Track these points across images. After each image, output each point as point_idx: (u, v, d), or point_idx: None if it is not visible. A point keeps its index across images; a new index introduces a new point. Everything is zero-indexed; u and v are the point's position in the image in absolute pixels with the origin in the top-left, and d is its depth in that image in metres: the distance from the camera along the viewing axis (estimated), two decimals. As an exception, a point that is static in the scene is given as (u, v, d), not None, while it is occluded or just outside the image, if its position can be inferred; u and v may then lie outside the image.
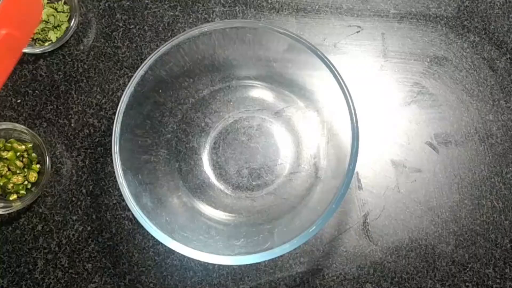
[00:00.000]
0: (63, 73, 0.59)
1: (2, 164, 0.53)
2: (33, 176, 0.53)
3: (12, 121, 0.57)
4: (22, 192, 0.53)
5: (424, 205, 0.55)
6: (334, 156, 0.52)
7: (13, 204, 0.52)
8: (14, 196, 0.53)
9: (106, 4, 0.61)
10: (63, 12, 0.60)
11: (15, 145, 0.54)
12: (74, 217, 0.55)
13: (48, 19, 0.59)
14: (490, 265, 0.54)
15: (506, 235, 0.54)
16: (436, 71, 0.59)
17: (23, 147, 0.54)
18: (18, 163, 0.53)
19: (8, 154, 0.53)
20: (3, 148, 0.53)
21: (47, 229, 0.55)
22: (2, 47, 0.42)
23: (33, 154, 0.54)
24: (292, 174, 0.55)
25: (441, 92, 0.58)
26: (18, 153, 0.54)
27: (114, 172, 0.45)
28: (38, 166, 0.54)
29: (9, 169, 0.53)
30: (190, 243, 0.44)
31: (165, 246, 0.43)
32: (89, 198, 0.56)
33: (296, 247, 0.42)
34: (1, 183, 0.52)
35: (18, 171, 0.53)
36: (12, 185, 0.52)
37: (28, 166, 0.54)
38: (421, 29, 0.60)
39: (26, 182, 0.53)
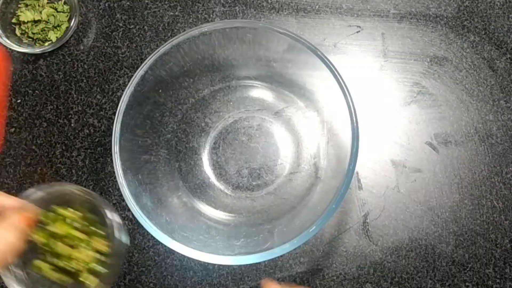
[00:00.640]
0: (63, 73, 0.59)
1: (61, 246, 0.39)
2: (101, 244, 0.40)
3: (12, 121, 0.57)
4: (98, 268, 0.39)
5: (424, 205, 0.55)
6: (334, 156, 0.52)
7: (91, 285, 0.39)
8: (86, 276, 0.39)
9: (106, 4, 0.61)
10: (63, 12, 0.60)
11: (63, 211, 0.40)
12: (74, 217, 0.55)
13: (48, 19, 0.59)
14: (490, 265, 0.54)
15: (506, 235, 0.54)
16: (436, 71, 0.59)
17: (72, 211, 0.41)
18: (76, 233, 0.40)
19: (58, 228, 0.39)
20: (47, 222, 0.40)
21: (47, 229, 0.55)
22: None
23: (90, 216, 0.40)
24: (292, 174, 0.55)
25: (441, 92, 0.58)
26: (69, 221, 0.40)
27: (114, 172, 0.45)
28: (100, 231, 0.41)
29: (71, 246, 0.40)
30: (190, 243, 0.44)
31: (165, 246, 0.43)
32: (89, 198, 0.56)
33: (296, 247, 0.42)
34: (62, 264, 0.39)
35: (82, 245, 0.40)
36: (75, 263, 0.39)
37: (89, 234, 0.41)
38: (421, 29, 0.60)
39: (95, 255, 0.40)
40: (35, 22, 0.59)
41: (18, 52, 0.58)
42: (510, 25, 0.60)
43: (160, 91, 0.52)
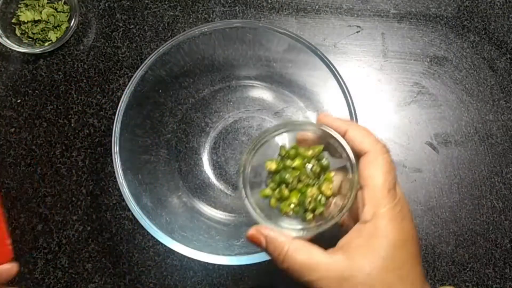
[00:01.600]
0: (63, 73, 0.59)
1: (291, 175, 0.38)
2: (328, 188, 0.38)
3: (12, 121, 0.57)
4: (320, 208, 0.38)
5: (424, 205, 0.55)
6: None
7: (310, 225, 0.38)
8: (310, 216, 0.38)
9: (106, 4, 0.61)
10: (63, 12, 0.60)
11: (301, 150, 0.39)
12: (74, 217, 0.55)
13: (48, 19, 0.59)
14: (490, 265, 0.54)
15: (506, 235, 0.54)
16: (436, 71, 0.59)
17: (310, 152, 0.39)
18: (309, 172, 0.39)
19: (295, 162, 0.39)
20: (287, 155, 0.40)
21: (47, 229, 0.55)
22: None
23: (324, 160, 0.39)
24: (292, 174, 0.55)
25: (441, 92, 0.58)
26: (306, 160, 0.39)
27: (114, 172, 0.45)
28: (332, 175, 0.39)
29: (299, 181, 0.39)
30: (190, 243, 0.44)
31: (165, 246, 0.43)
32: (89, 198, 0.56)
33: (296, 247, 0.42)
34: (297, 198, 0.38)
35: (311, 182, 0.39)
36: (309, 200, 0.38)
37: (319, 176, 0.39)
38: (421, 29, 0.60)
39: (320, 197, 0.39)
40: (35, 22, 0.59)
41: (18, 52, 0.58)
42: (510, 25, 0.60)
43: (160, 91, 0.52)
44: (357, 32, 0.60)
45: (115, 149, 0.45)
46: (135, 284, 0.54)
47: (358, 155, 0.33)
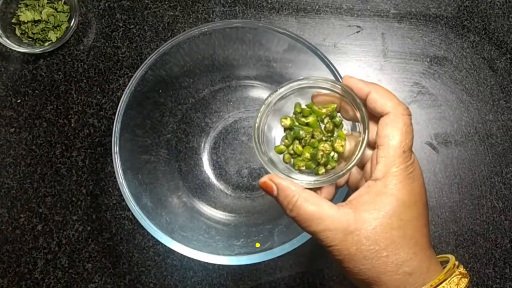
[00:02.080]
0: (63, 73, 0.59)
1: (304, 131, 0.39)
2: (340, 145, 0.39)
3: (12, 121, 0.57)
4: (332, 164, 0.38)
5: (424, 205, 0.55)
6: (334, 156, 0.52)
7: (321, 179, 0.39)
8: (323, 170, 0.39)
9: (106, 4, 0.61)
10: (63, 12, 0.60)
11: (315, 107, 0.40)
12: (74, 217, 0.55)
13: (48, 19, 0.59)
14: (490, 265, 0.54)
15: (506, 235, 0.54)
16: (436, 71, 0.59)
17: (324, 110, 0.40)
18: (322, 129, 0.40)
19: (309, 119, 0.39)
20: (301, 112, 0.40)
21: (47, 229, 0.55)
22: None
23: (337, 118, 0.40)
24: (292, 174, 0.55)
25: (441, 92, 0.58)
26: (320, 117, 0.40)
27: (114, 172, 0.45)
28: (344, 131, 0.40)
29: (312, 137, 0.39)
30: (190, 243, 0.44)
31: (165, 246, 0.43)
32: (89, 198, 0.56)
33: (296, 247, 0.42)
34: (309, 153, 0.38)
35: (324, 138, 0.40)
36: (321, 154, 0.38)
37: (332, 133, 0.40)
38: (421, 29, 0.60)
39: (332, 153, 0.39)
40: (35, 22, 0.59)
41: (18, 52, 0.58)
42: (510, 25, 0.60)
43: (160, 91, 0.52)
44: (357, 32, 0.60)
45: (115, 149, 0.45)
46: (135, 284, 0.54)
47: (379, 116, 0.34)
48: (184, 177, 0.55)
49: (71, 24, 0.58)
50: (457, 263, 0.33)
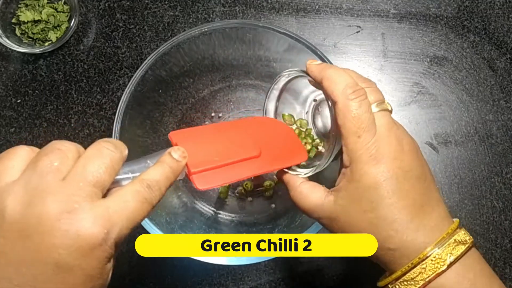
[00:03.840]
0: (63, 73, 0.59)
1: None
2: (308, 144, 0.46)
3: (12, 121, 0.57)
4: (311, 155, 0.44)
5: (424, 205, 0.55)
6: (334, 156, 0.52)
7: None
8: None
9: (106, 4, 0.61)
10: (63, 12, 0.60)
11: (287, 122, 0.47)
12: (74, 217, 0.55)
13: (48, 19, 0.59)
14: (490, 265, 0.54)
15: (506, 235, 0.54)
16: (436, 71, 0.59)
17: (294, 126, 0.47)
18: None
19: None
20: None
21: (47, 229, 0.55)
22: None
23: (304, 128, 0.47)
24: (292, 174, 0.55)
25: (441, 92, 0.58)
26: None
27: (114, 172, 0.45)
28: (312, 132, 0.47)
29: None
30: (190, 243, 0.43)
31: (165, 246, 0.43)
32: (89, 198, 0.56)
33: (296, 247, 0.42)
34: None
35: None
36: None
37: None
38: (421, 29, 0.60)
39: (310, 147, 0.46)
40: (35, 22, 0.59)
41: (18, 52, 0.58)
42: (510, 25, 0.60)
43: (160, 91, 0.52)
44: (357, 32, 0.60)
45: (115, 149, 0.45)
46: (135, 284, 0.54)
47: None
48: (184, 177, 0.55)
49: (71, 24, 0.58)
50: (457, 228, 0.33)
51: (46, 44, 0.58)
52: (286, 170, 0.39)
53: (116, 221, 0.28)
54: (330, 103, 0.35)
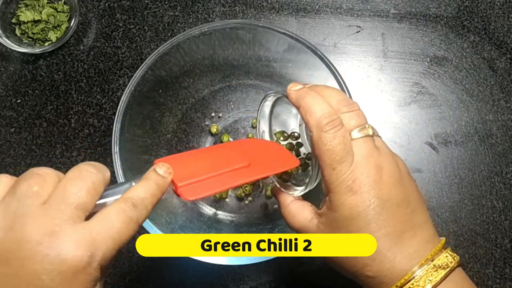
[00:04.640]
0: (63, 73, 0.59)
1: None
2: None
3: (12, 121, 0.57)
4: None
5: (424, 205, 0.55)
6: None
7: None
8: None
9: (106, 4, 0.61)
10: (63, 12, 0.60)
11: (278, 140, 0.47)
12: (74, 217, 0.55)
13: (48, 19, 0.59)
14: (490, 265, 0.54)
15: (506, 235, 0.54)
16: (436, 71, 0.59)
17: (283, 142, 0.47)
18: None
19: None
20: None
21: (47, 229, 0.55)
22: None
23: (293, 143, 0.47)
24: (292, 174, 0.55)
25: (441, 92, 0.58)
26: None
27: (114, 172, 0.45)
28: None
29: None
30: (190, 243, 0.43)
31: (165, 246, 0.43)
32: (89, 198, 0.56)
33: (296, 247, 0.42)
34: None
35: None
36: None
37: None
38: (421, 29, 0.60)
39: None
40: (35, 22, 0.59)
41: (18, 52, 0.58)
42: (510, 25, 0.60)
43: (160, 91, 0.52)
44: (357, 32, 0.60)
45: (115, 149, 0.45)
46: (135, 284, 0.54)
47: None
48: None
49: (71, 24, 0.58)
50: (439, 251, 0.33)
51: (46, 44, 0.58)
52: (280, 187, 0.40)
53: (100, 243, 0.27)
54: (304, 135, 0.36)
